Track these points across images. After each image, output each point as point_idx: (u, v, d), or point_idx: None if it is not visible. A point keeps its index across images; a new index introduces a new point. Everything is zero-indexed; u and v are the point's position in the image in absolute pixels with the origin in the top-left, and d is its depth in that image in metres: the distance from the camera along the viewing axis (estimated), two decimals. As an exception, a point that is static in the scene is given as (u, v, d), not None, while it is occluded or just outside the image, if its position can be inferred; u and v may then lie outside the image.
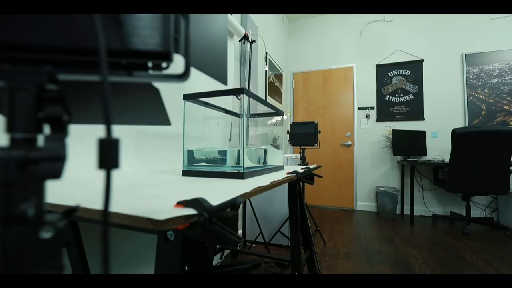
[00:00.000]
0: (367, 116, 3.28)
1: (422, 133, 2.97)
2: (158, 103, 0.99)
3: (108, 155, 0.21)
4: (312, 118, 3.47)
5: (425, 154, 2.94)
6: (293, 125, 1.97)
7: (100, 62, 0.22)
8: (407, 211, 3.02)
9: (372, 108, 3.28)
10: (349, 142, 3.32)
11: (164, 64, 0.27)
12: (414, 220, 2.73)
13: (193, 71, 1.12)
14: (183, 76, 0.28)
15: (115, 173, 0.75)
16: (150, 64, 0.27)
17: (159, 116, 1.01)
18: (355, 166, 3.30)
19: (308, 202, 3.39)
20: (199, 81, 1.16)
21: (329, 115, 3.43)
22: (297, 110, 3.61)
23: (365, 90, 3.32)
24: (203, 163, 0.84)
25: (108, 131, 0.21)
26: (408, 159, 2.89)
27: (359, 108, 3.35)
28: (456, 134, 2.15)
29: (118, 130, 0.86)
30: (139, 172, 0.87)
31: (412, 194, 2.68)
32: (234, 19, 1.73)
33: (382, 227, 2.49)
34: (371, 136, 3.29)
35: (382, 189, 3.04)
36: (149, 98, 0.96)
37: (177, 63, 0.36)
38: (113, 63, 0.25)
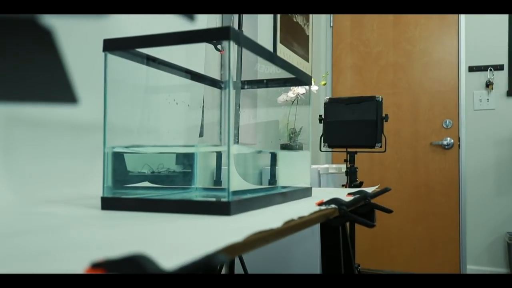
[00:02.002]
0: (488, 84, 3.30)
1: None
2: (51, 60, 1.00)
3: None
4: (371, 90, 3.49)
5: None
6: (332, 105, 1.98)
7: None
8: None
9: (499, 68, 3.30)
10: (449, 140, 3.34)
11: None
12: None
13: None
14: None
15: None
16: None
17: (53, 85, 1.01)
18: (463, 190, 3.32)
19: (363, 266, 3.41)
20: (138, 22, 1.17)
21: (406, 83, 3.45)
22: (340, 72, 3.64)
23: (483, 42, 3.33)
24: (146, 183, 0.85)
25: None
26: None
27: (471, 69, 3.37)
28: None
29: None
30: (10, 204, 0.87)
31: None
32: None
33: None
34: (496, 126, 3.31)
35: (518, 237, 3.07)
36: (34, 50, 0.96)
37: None
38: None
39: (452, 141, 3.32)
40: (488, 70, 3.29)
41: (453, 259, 3.27)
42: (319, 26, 3.54)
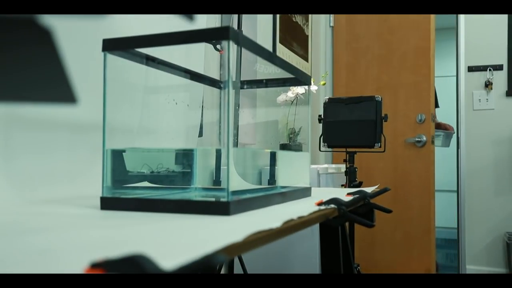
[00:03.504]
0: (487, 84, 3.30)
1: None
2: (50, 60, 1.00)
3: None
4: (360, 87, 3.36)
5: None
6: (332, 105, 1.98)
7: None
8: None
9: (499, 68, 3.30)
10: (423, 137, 3.09)
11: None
12: None
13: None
14: None
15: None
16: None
17: (52, 85, 1.01)
18: (462, 190, 3.31)
19: (363, 268, 3.35)
20: (138, 22, 1.17)
21: (387, 76, 3.27)
22: (339, 71, 3.62)
23: (482, 42, 3.33)
24: (145, 183, 0.85)
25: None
26: None
27: (470, 69, 3.37)
28: None
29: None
30: (9, 204, 0.87)
31: None
32: None
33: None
34: (495, 126, 3.32)
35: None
36: (33, 50, 0.96)
37: None
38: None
39: (425, 138, 3.08)
40: (488, 70, 3.30)
41: (427, 262, 3.05)
42: (319, 26, 3.54)
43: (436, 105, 3.68)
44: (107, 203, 0.77)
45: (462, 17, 3.32)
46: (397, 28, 3.22)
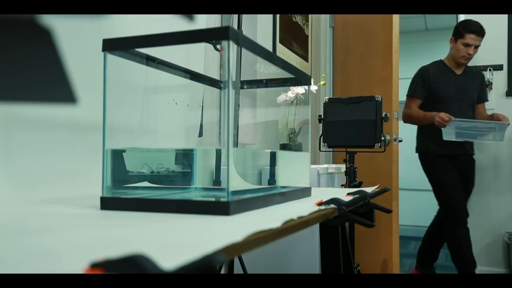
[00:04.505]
0: (488, 84, 3.30)
1: None
2: (50, 60, 1.00)
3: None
4: (350, 86, 3.30)
5: None
6: (332, 105, 1.98)
7: None
8: None
9: (499, 68, 3.30)
10: (387, 136, 2.82)
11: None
12: None
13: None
14: None
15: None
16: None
17: (52, 85, 1.01)
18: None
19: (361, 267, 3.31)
20: (138, 22, 1.17)
21: (367, 74, 3.16)
22: (338, 71, 3.60)
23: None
24: (145, 183, 0.85)
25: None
26: None
27: (470, 69, 3.36)
28: None
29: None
30: (10, 204, 0.87)
31: None
32: None
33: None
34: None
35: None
36: (33, 50, 0.97)
37: None
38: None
39: (388, 137, 2.91)
40: (488, 70, 3.30)
41: (390, 264, 2.89)
42: (319, 26, 3.54)
43: (486, 99, 3.38)
44: (107, 203, 0.77)
45: (462, 17, 3.31)
46: (372, 24, 3.15)
